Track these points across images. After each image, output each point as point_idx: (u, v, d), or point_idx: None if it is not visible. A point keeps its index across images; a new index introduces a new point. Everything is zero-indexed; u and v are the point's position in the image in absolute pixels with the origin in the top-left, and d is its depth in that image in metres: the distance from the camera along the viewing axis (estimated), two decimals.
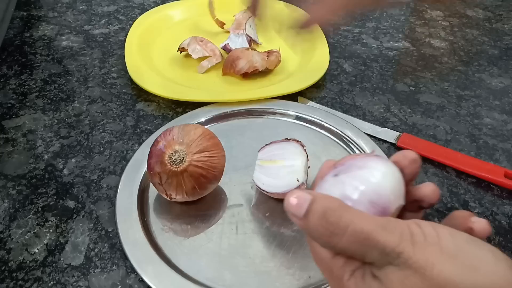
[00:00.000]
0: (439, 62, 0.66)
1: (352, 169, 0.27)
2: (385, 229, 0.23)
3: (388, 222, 0.24)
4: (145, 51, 0.63)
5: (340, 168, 0.27)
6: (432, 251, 0.22)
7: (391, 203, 0.25)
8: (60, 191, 0.45)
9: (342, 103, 0.57)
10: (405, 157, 0.28)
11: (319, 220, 0.24)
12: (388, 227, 0.23)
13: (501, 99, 0.59)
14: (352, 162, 0.27)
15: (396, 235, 0.23)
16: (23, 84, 0.59)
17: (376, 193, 0.25)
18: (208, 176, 0.40)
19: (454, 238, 0.23)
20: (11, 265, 0.39)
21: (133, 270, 0.38)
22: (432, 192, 0.28)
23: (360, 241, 0.23)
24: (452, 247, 0.23)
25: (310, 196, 0.25)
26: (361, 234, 0.23)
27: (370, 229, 0.23)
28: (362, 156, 0.28)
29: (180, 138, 0.40)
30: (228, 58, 0.60)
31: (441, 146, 0.51)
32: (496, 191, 0.47)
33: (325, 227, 0.24)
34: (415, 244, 0.23)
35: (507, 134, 0.53)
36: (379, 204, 0.25)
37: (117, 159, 0.49)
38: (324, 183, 0.27)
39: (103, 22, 0.72)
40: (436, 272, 0.22)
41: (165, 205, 0.43)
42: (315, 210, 0.24)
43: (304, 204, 0.25)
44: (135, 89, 0.58)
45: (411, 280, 0.22)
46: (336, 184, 0.26)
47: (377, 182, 0.25)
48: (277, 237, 0.41)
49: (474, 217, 0.26)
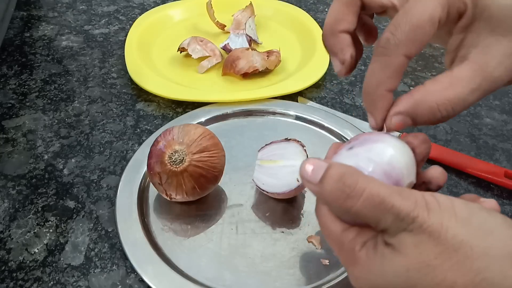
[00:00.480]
0: (439, 62, 0.66)
1: (367, 143, 0.27)
2: (400, 195, 0.23)
3: (403, 190, 0.24)
4: (145, 51, 0.63)
5: (354, 142, 0.28)
6: (446, 216, 0.23)
7: (404, 177, 0.26)
8: (60, 191, 0.45)
9: (342, 103, 0.57)
10: (416, 137, 0.28)
11: (335, 183, 0.24)
12: (403, 194, 0.24)
13: (501, 99, 0.59)
14: (367, 137, 0.27)
15: (411, 200, 0.23)
16: (23, 84, 0.59)
17: (391, 165, 0.26)
18: (208, 176, 0.40)
19: (468, 205, 0.24)
20: (11, 265, 0.39)
21: (133, 270, 0.38)
22: (440, 174, 0.28)
23: (375, 205, 0.23)
24: (466, 213, 0.23)
25: (325, 163, 0.25)
26: (377, 198, 0.23)
27: (386, 193, 0.23)
28: (376, 133, 0.28)
29: (180, 138, 0.40)
30: (228, 58, 0.60)
31: (441, 146, 0.51)
32: (496, 191, 0.47)
33: (341, 189, 0.24)
34: (429, 210, 0.23)
35: (507, 134, 0.53)
36: (393, 176, 0.25)
37: (117, 159, 0.49)
38: (337, 156, 0.28)
39: (103, 22, 0.72)
40: (450, 236, 0.22)
41: (165, 205, 0.43)
42: (331, 174, 0.25)
43: (319, 170, 0.25)
44: (135, 89, 0.58)
45: (426, 244, 0.22)
46: (351, 156, 0.27)
47: (392, 155, 0.26)
48: (277, 237, 0.41)
49: (483, 198, 0.26)
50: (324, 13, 0.77)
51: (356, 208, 0.24)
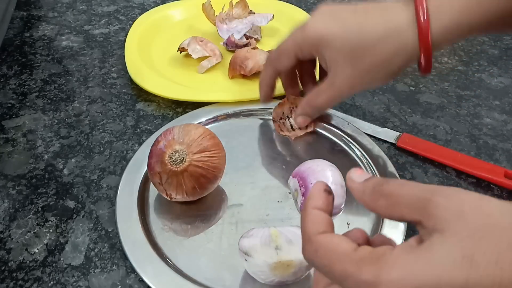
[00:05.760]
0: (439, 62, 0.66)
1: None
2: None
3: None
4: (145, 51, 0.63)
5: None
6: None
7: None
8: (60, 191, 0.45)
9: (342, 103, 0.57)
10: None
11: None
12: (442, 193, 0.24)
13: (501, 99, 0.59)
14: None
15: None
16: (23, 84, 0.59)
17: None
18: (208, 176, 0.40)
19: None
20: (11, 265, 0.39)
21: (133, 270, 0.38)
22: (388, 239, 0.28)
23: (418, 207, 0.23)
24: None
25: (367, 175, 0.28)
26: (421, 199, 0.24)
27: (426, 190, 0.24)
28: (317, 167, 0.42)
29: (181, 138, 0.40)
30: (234, 60, 0.59)
31: (441, 146, 0.51)
32: (496, 191, 0.47)
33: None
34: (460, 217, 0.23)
35: (507, 134, 0.53)
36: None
37: (117, 159, 0.49)
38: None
39: (103, 22, 0.72)
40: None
41: (165, 205, 0.43)
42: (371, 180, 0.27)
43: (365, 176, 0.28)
44: (135, 89, 0.58)
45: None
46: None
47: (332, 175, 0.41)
48: None
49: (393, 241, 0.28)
50: None
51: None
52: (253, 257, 0.34)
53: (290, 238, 0.35)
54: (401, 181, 0.25)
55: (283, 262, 0.34)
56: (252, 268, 0.35)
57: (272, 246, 0.35)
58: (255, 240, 0.35)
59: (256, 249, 0.35)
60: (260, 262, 0.34)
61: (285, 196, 0.44)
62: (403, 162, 0.49)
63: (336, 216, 0.43)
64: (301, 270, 0.35)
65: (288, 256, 0.34)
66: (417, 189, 0.24)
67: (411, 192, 0.24)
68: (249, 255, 0.34)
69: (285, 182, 0.45)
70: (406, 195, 0.24)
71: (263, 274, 0.35)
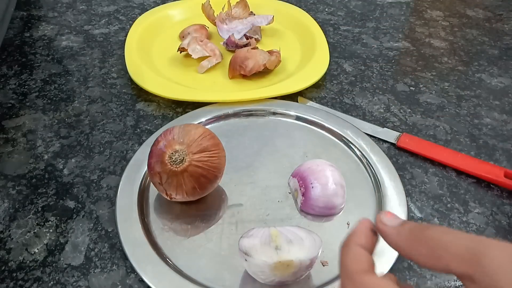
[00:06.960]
0: (439, 62, 0.66)
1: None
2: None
3: None
4: (145, 51, 0.63)
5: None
6: None
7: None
8: (60, 191, 0.45)
9: (342, 103, 0.57)
10: None
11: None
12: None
13: (501, 99, 0.59)
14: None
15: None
16: (23, 84, 0.59)
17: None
18: (208, 176, 0.40)
19: None
20: (11, 265, 0.39)
21: (133, 270, 0.38)
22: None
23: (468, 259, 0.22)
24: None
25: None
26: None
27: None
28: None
29: (181, 138, 0.40)
30: (234, 60, 0.59)
31: (441, 146, 0.51)
32: (496, 191, 0.47)
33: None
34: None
35: (507, 134, 0.53)
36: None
37: (117, 159, 0.49)
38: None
39: (103, 22, 0.72)
40: None
41: (165, 205, 0.43)
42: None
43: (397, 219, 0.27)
44: (135, 89, 0.58)
45: None
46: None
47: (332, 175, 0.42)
48: None
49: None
50: (324, 13, 0.77)
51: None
52: (253, 257, 0.34)
53: (290, 238, 0.35)
54: (444, 228, 0.24)
55: (283, 262, 0.34)
56: (252, 268, 0.35)
57: (272, 246, 0.35)
58: (255, 240, 0.35)
59: (256, 249, 0.35)
60: (260, 262, 0.34)
61: (285, 196, 0.44)
62: (403, 162, 0.49)
63: (336, 216, 0.43)
64: (301, 270, 0.35)
65: (288, 256, 0.34)
66: (467, 240, 0.22)
67: (459, 242, 0.22)
68: (249, 255, 0.34)
69: (285, 182, 0.45)
70: (454, 245, 0.22)
71: (263, 274, 0.35)
